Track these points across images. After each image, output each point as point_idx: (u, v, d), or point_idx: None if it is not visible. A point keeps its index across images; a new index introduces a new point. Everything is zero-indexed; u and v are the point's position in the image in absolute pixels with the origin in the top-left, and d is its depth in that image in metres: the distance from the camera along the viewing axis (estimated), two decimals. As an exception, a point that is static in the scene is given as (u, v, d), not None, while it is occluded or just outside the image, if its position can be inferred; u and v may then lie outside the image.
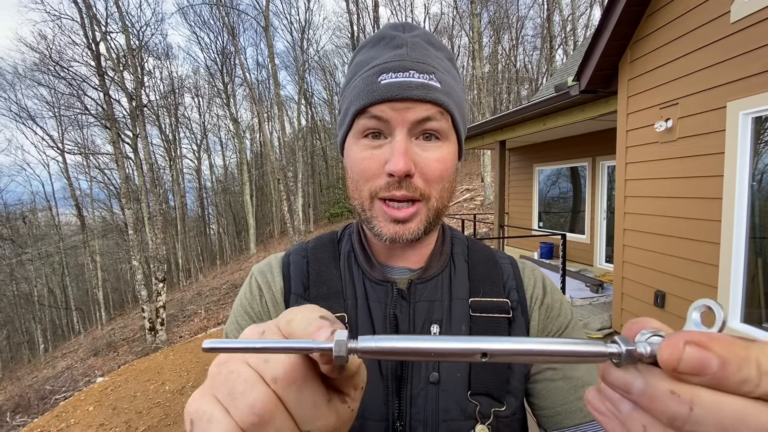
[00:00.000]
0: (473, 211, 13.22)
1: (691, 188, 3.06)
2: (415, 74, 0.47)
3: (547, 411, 0.54)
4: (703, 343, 0.17)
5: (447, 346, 0.21)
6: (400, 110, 0.47)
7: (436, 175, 0.49)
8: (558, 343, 0.21)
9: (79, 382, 8.68)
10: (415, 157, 0.48)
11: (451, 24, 25.27)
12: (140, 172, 11.81)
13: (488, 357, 0.21)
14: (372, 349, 0.21)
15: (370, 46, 0.53)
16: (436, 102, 0.48)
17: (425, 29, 0.54)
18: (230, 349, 0.21)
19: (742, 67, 2.64)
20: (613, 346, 0.20)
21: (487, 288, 0.56)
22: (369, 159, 0.49)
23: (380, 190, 0.49)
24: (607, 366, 0.21)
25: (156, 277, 10.93)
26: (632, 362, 0.20)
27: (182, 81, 26.69)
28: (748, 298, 2.71)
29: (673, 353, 0.17)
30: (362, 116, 0.49)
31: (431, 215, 0.51)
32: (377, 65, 0.49)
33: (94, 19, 11.47)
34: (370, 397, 0.48)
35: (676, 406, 0.17)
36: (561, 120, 4.89)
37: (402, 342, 0.22)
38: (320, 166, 29.79)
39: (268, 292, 0.56)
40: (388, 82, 0.47)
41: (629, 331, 0.22)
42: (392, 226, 0.49)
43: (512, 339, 0.21)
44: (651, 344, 0.20)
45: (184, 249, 25.38)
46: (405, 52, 0.49)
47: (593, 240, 6.41)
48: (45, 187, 30.59)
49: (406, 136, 0.48)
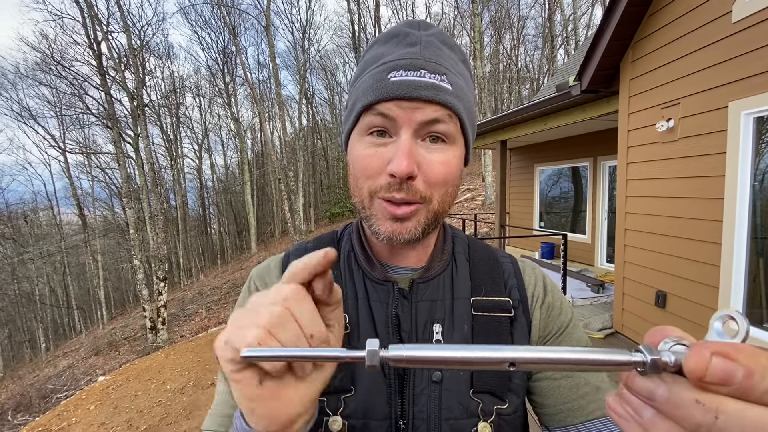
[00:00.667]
0: (474, 210, 13.21)
1: (693, 188, 3.06)
2: (427, 74, 0.46)
3: (549, 409, 0.54)
4: (729, 354, 0.17)
5: (476, 355, 0.22)
6: (408, 110, 0.46)
7: (440, 178, 0.48)
8: (584, 352, 0.22)
9: (81, 381, 8.70)
10: (419, 159, 0.47)
11: (453, 23, 25.24)
12: (141, 172, 11.84)
13: (516, 366, 0.22)
14: (403, 358, 0.22)
15: (382, 42, 0.52)
16: (445, 104, 0.46)
17: (441, 29, 0.53)
18: (270, 358, 0.26)
19: (743, 67, 2.63)
20: (638, 355, 0.21)
21: (489, 287, 0.55)
22: (372, 156, 0.48)
23: (380, 189, 0.48)
24: (631, 374, 0.22)
25: (157, 276, 10.95)
26: (657, 371, 0.20)
27: (183, 80, 26.72)
28: (750, 298, 2.70)
29: (699, 363, 0.18)
30: (369, 113, 0.48)
31: (430, 217, 0.50)
32: (388, 62, 0.48)
33: (96, 18, 11.49)
34: (372, 396, 0.48)
35: (702, 414, 0.18)
36: (562, 120, 4.88)
37: (432, 351, 0.22)
38: (321, 166, 29.80)
39: None
40: (397, 79, 0.46)
41: (651, 338, 0.22)
42: (390, 224, 0.48)
43: (538, 348, 0.22)
44: (675, 353, 0.20)
45: (186, 248, 25.41)
46: (418, 51, 0.48)
47: (594, 240, 6.40)
48: (46, 186, 30.73)
49: (412, 136, 0.46)
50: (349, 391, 0.48)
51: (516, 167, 8.45)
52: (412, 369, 0.50)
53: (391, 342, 0.51)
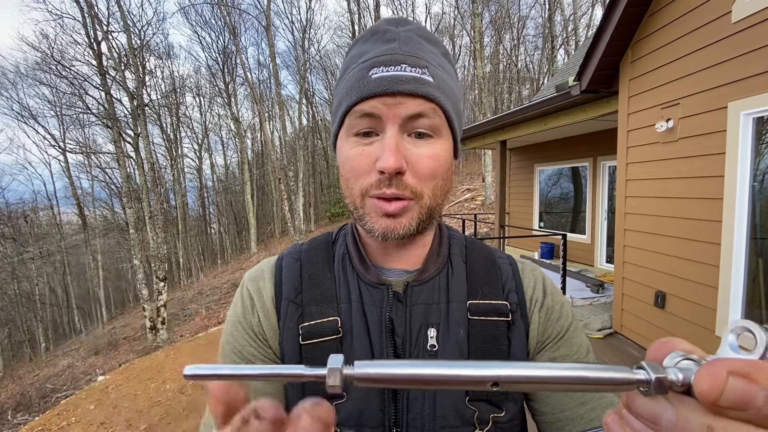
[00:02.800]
0: (474, 211, 13.21)
1: (692, 189, 3.06)
2: (408, 68, 0.46)
3: (547, 417, 0.53)
4: (749, 374, 0.15)
5: (453, 373, 0.19)
6: (391, 105, 0.45)
7: (428, 172, 0.47)
8: (578, 369, 0.19)
9: (80, 381, 8.70)
10: (407, 154, 0.46)
11: (453, 24, 25.24)
12: (141, 171, 11.84)
13: (499, 386, 0.19)
14: (370, 377, 0.19)
15: (363, 41, 0.51)
16: (428, 97, 0.46)
17: (420, 24, 0.52)
18: (215, 376, 0.20)
19: (743, 68, 2.63)
20: (641, 373, 0.18)
21: (486, 289, 0.54)
22: (360, 156, 0.48)
23: (371, 187, 0.47)
24: (632, 393, 0.19)
25: (157, 276, 10.95)
26: (662, 391, 0.18)
27: (183, 80, 26.70)
28: (749, 299, 2.70)
29: (714, 385, 0.15)
30: (353, 114, 0.48)
31: (424, 213, 0.49)
32: (368, 59, 0.48)
33: (96, 18, 11.48)
34: (365, 403, 0.48)
35: None
36: (562, 120, 4.88)
37: (403, 369, 0.19)
38: (321, 166, 29.78)
39: (258, 301, 0.54)
40: (379, 76, 0.45)
41: (656, 352, 0.20)
42: (383, 221, 0.48)
43: (525, 364, 0.19)
44: (683, 370, 0.17)
45: (185, 248, 25.41)
46: (397, 46, 0.47)
47: (594, 240, 6.40)
48: (46, 186, 30.73)
49: (398, 132, 0.46)
50: (341, 398, 0.47)
51: (516, 167, 8.44)
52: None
53: (384, 347, 0.50)
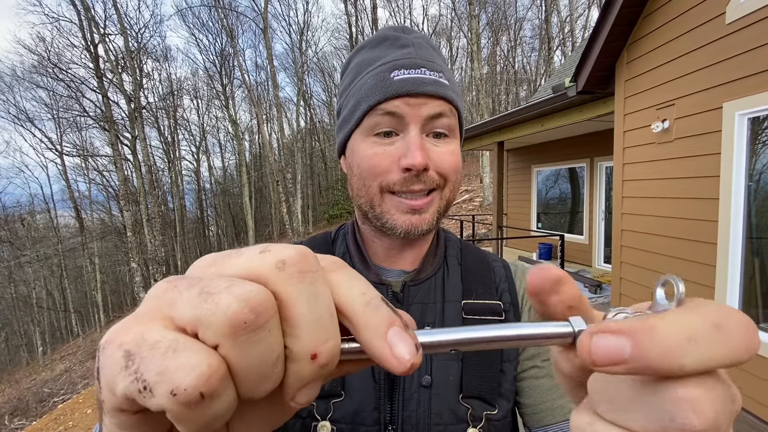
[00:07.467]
0: (472, 212, 13.23)
1: (688, 189, 3.07)
2: (427, 71, 0.49)
3: (529, 409, 0.54)
4: (610, 328, 0.14)
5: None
6: (415, 106, 0.48)
7: (451, 167, 0.51)
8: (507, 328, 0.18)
9: (78, 385, 8.66)
10: (429, 152, 0.49)
11: (450, 25, 25.34)
12: (139, 174, 11.82)
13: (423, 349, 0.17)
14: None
15: (371, 47, 0.53)
16: (446, 98, 0.50)
17: (424, 33, 0.56)
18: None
19: (737, 68, 2.64)
20: (565, 326, 0.18)
21: (480, 290, 0.56)
22: (381, 155, 0.50)
23: (394, 184, 0.49)
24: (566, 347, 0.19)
25: (155, 279, 10.91)
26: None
27: (181, 83, 26.73)
28: (746, 298, 2.71)
29: (582, 347, 0.15)
30: (374, 113, 0.49)
31: (443, 206, 0.53)
32: (387, 62, 0.50)
33: (93, 21, 11.48)
34: (361, 401, 0.48)
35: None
36: (559, 121, 4.90)
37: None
38: (319, 168, 29.78)
39: None
40: (401, 77, 0.48)
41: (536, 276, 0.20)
42: (408, 217, 0.50)
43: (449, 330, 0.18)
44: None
45: (183, 251, 25.32)
46: (413, 51, 0.50)
47: (591, 241, 6.42)
48: (43, 189, 30.61)
49: (420, 131, 0.49)
50: (338, 396, 0.48)
51: (513, 168, 8.46)
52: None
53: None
